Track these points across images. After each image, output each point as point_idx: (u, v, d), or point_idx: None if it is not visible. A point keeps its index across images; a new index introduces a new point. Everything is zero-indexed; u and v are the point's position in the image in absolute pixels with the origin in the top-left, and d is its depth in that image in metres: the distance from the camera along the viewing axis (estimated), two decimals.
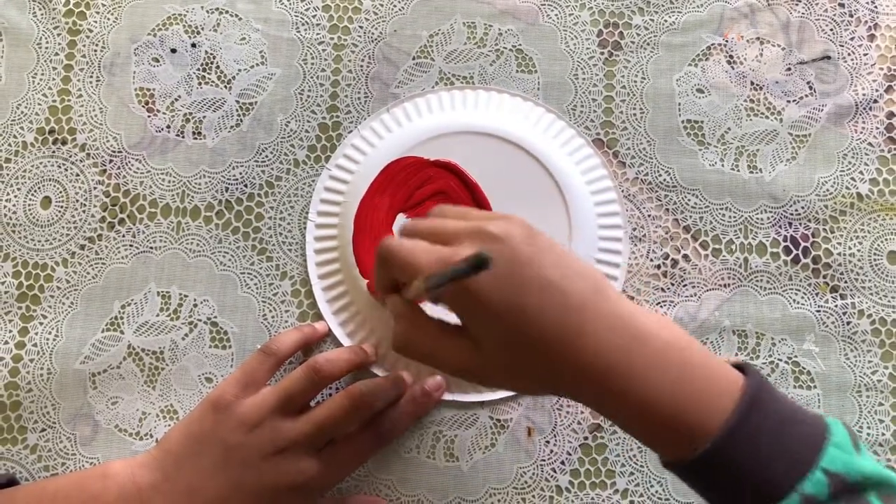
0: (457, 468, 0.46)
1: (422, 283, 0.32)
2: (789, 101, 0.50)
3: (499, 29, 0.51)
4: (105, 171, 0.50)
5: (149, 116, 0.51)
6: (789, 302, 0.47)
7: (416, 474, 0.46)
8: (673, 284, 0.48)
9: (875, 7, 0.51)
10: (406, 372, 0.45)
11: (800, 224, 0.48)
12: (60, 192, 0.50)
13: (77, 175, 0.50)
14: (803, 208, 0.48)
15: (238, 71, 0.51)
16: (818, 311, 0.47)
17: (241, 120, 0.51)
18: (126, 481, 0.39)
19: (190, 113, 0.51)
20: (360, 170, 0.49)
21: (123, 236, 0.49)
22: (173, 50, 0.52)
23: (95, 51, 0.52)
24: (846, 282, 0.47)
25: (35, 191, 0.50)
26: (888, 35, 0.50)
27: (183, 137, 0.51)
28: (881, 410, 0.46)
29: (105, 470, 0.40)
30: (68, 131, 0.51)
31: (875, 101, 0.50)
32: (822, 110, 0.50)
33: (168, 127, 0.51)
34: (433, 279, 0.31)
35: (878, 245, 0.48)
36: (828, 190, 0.49)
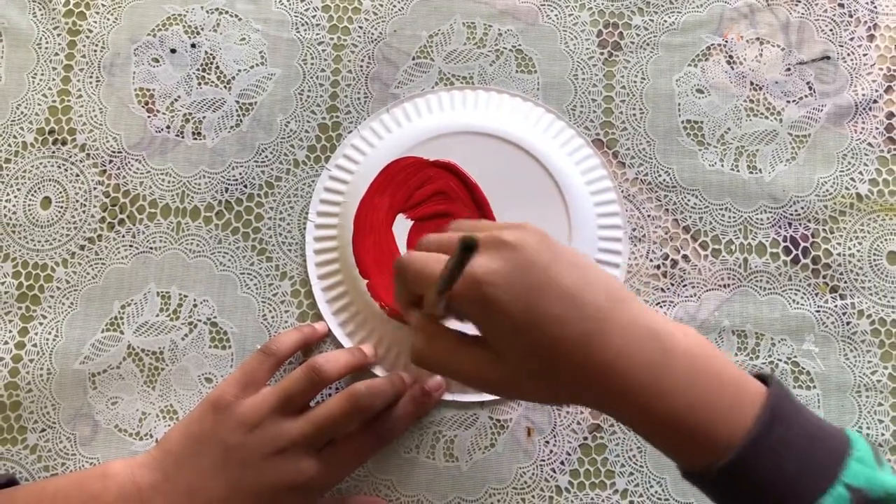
0: (456, 468, 0.46)
1: (432, 294, 0.32)
2: (789, 102, 0.50)
3: (498, 29, 0.51)
4: (105, 172, 0.50)
5: (149, 117, 0.51)
6: (789, 302, 0.47)
7: (416, 474, 0.46)
8: (673, 285, 0.48)
9: (874, 7, 0.51)
10: (405, 372, 0.45)
11: (799, 224, 0.48)
12: (60, 193, 0.50)
13: (77, 175, 0.50)
14: (803, 208, 0.48)
15: (238, 71, 0.51)
16: (818, 312, 0.47)
17: (241, 120, 0.51)
18: (126, 481, 0.39)
19: (190, 113, 0.51)
20: (360, 170, 0.49)
21: (123, 237, 0.49)
22: (173, 50, 0.52)
23: (95, 51, 0.52)
24: (846, 282, 0.47)
25: (35, 191, 0.50)
26: (888, 35, 0.50)
27: (183, 138, 0.51)
28: (881, 411, 0.46)
29: (105, 470, 0.40)
30: (68, 131, 0.51)
31: (875, 102, 0.50)
32: (822, 110, 0.50)
33: (168, 127, 0.51)
34: (439, 284, 0.31)
35: (878, 245, 0.48)
36: (827, 190, 0.49)
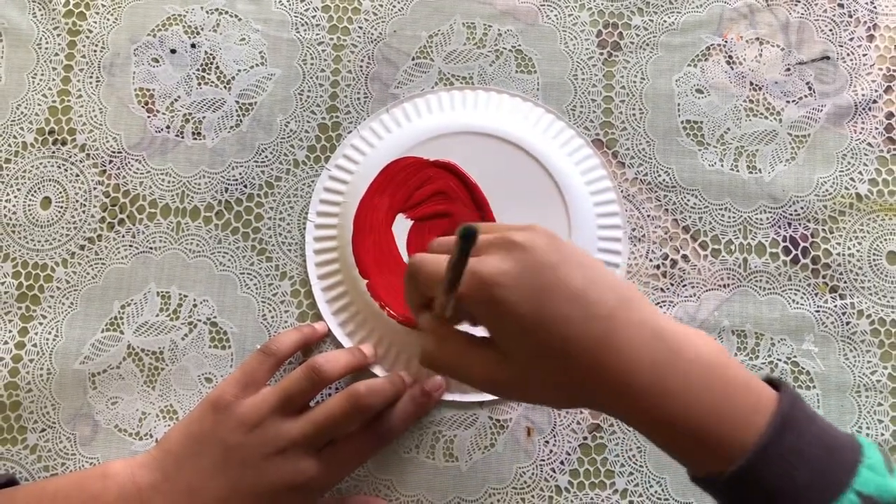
0: (456, 468, 0.46)
1: (441, 294, 0.32)
2: (788, 102, 0.50)
3: (498, 29, 0.51)
4: (105, 172, 0.50)
5: (148, 117, 0.51)
6: (788, 302, 0.47)
7: (416, 474, 0.46)
8: (672, 285, 0.48)
9: (874, 7, 0.51)
10: (405, 372, 0.45)
11: (799, 224, 0.48)
12: (60, 193, 0.50)
13: (77, 175, 0.50)
14: (802, 208, 0.48)
15: (238, 71, 0.51)
16: (817, 312, 0.47)
17: (241, 120, 0.51)
18: (126, 481, 0.39)
19: (189, 113, 0.51)
20: (360, 170, 0.49)
21: (123, 236, 0.49)
22: (173, 50, 0.52)
23: (95, 51, 0.52)
24: (845, 282, 0.47)
25: (35, 191, 0.50)
26: (887, 35, 0.50)
27: (182, 138, 0.51)
28: (880, 411, 0.46)
29: (105, 470, 0.40)
30: (68, 132, 0.51)
31: (874, 102, 0.50)
32: (822, 111, 0.50)
33: (168, 127, 0.51)
34: (445, 279, 0.31)
35: (878, 245, 0.48)
36: (827, 190, 0.49)
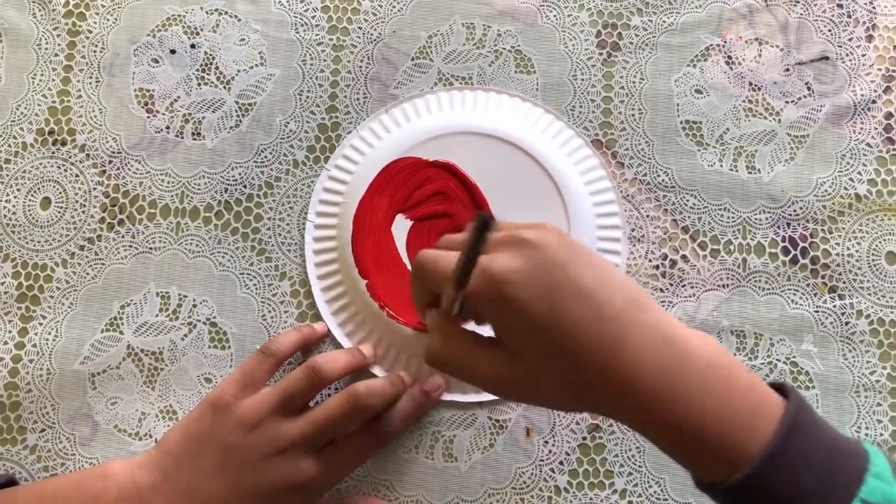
0: (455, 468, 0.46)
1: (450, 288, 0.32)
2: (788, 102, 0.50)
3: (498, 30, 0.51)
4: (104, 172, 0.50)
5: (148, 117, 0.51)
6: (788, 302, 0.47)
7: (415, 474, 0.46)
8: (671, 285, 0.48)
9: (873, 8, 0.51)
10: (405, 372, 0.45)
11: (798, 224, 0.48)
12: (60, 193, 0.50)
13: (76, 176, 0.50)
14: (802, 209, 0.48)
15: (237, 72, 0.51)
16: (816, 312, 0.47)
17: (241, 121, 0.51)
18: (125, 481, 0.39)
19: (189, 114, 0.51)
20: (359, 170, 0.49)
21: (123, 237, 0.49)
22: (172, 51, 0.52)
23: (95, 52, 0.52)
24: (844, 282, 0.47)
25: (35, 191, 0.50)
26: (886, 36, 0.50)
27: (182, 138, 0.51)
28: (879, 411, 0.46)
29: (104, 470, 0.40)
30: (68, 132, 0.51)
31: (873, 102, 0.50)
32: (821, 111, 0.50)
33: (167, 128, 0.51)
34: (456, 270, 0.31)
35: (877, 245, 0.48)
36: (826, 190, 0.49)
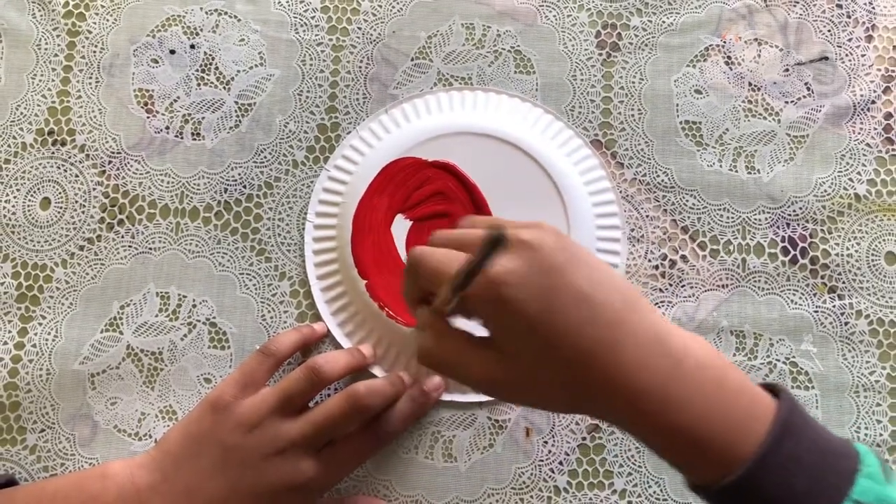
0: (455, 468, 0.46)
1: (447, 290, 0.32)
2: (787, 102, 0.50)
3: (497, 30, 0.51)
4: (104, 172, 0.50)
5: (148, 117, 0.51)
6: (787, 302, 0.47)
7: (415, 474, 0.46)
8: (671, 285, 0.48)
9: (872, 8, 0.51)
10: (405, 372, 0.45)
11: (798, 225, 0.48)
12: (60, 193, 0.50)
13: (76, 176, 0.50)
14: (801, 209, 0.48)
15: (237, 72, 0.51)
16: (816, 312, 0.47)
17: (240, 121, 0.51)
18: (125, 482, 0.39)
19: (189, 114, 0.51)
20: (359, 170, 0.49)
21: (122, 237, 0.49)
22: (172, 51, 0.52)
23: (95, 52, 0.52)
24: (844, 282, 0.47)
25: (34, 192, 0.50)
26: (885, 36, 0.50)
27: (182, 138, 0.51)
28: (879, 411, 0.46)
29: (104, 470, 0.40)
30: (67, 132, 0.51)
31: (873, 102, 0.50)
32: (820, 111, 0.50)
33: (167, 128, 0.51)
34: (456, 281, 0.31)
35: (876, 246, 0.48)
36: (825, 191, 0.49)
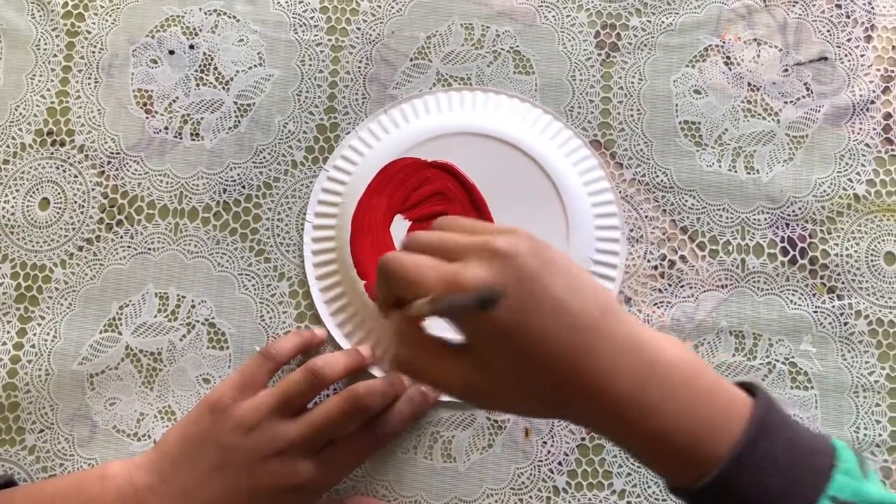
0: (454, 469, 0.46)
1: (426, 305, 0.31)
2: (786, 102, 0.50)
3: (496, 30, 0.51)
4: (103, 173, 0.50)
5: (147, 118, 0.51)
6: (786, 303, 0.47)
7: (414, 475, 0.46)
8: (670, 285, 0.48)
9: (872, 8, 0.51)
10: None
11: (797, 225, 0.48)
12: (59, 194, 0.50)
13: (75, 176, 0.50)
14: (800, 209, 0.48)
15: (236, 72, 0.51)
16: (815, 312, 0.47)
17: (239, 121, 0.51)
18: (123, 483, 0.39)
19: (188, 114, 0.51)
20: (358, 171, 0.49)
21: (121, 237, 0.49)
22: (171, 51, 0.52)
23: (94, 52, 0.52)
24: (843, 283, 0.47)
25: (33, 192, 0.50)
26: (885, 36, 0.50)
27: (181, 139, 0.51)
28: (878, 411, 0.46)
29: (103, 471, 0.40)
30: (66, 133, 0.51)
31: (872, 102, 0.50)
32: (819, 111, 0.50)
33: (166, 128, 0.51)
34: (438, 304, 0.30)
35: (875, 246, 0.48)
36: (825, 191, 0.49)
